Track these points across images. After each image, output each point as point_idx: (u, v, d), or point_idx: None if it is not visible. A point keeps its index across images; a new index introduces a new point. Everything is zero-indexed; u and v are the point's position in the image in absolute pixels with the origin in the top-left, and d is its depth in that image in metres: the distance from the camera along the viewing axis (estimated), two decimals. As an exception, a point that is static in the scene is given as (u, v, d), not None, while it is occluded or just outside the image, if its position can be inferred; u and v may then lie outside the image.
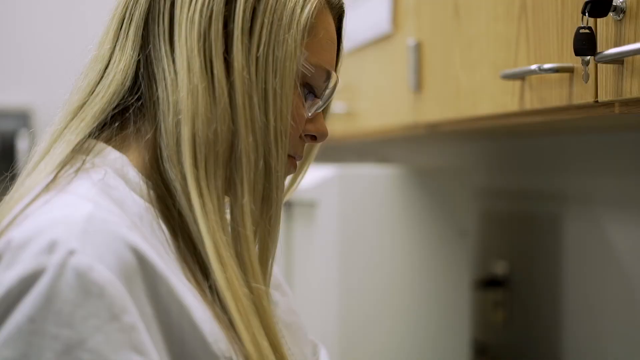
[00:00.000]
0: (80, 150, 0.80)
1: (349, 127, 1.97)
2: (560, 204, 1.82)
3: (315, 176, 1.68)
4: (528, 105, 1.16)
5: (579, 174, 1.75)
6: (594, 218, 1.70)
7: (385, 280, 1.66)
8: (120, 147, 0.82)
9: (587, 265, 1.74)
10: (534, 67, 1.07)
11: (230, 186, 0.81)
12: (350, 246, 1.64)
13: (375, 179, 1.67)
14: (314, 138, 0.91)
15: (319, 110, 0.90)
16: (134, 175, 0.81)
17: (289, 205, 1.85)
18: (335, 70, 0.91)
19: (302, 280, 1.80)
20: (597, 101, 1.00)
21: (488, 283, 2.08)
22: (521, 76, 1.15)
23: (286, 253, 1.85)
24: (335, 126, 2.00)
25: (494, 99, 1.26)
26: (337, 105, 1.93)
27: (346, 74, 1.96)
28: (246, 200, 0.80)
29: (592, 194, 1.71)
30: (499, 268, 2.08)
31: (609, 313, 1.66)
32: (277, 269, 0.99)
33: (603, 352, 1.65)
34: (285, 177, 0.89)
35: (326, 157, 2.01)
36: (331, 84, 0.89)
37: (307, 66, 0.85)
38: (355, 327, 1.64)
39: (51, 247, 0.69)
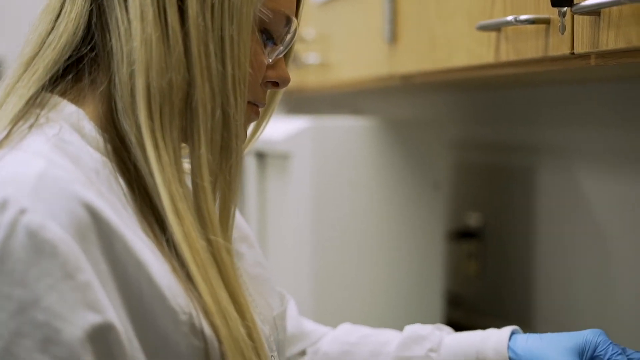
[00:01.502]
0: (34, 104, 0.78)
1: (323, 79, 1.95)
2: (534, 156, 1.83)
3: (288, 128, 1.67)
4: (504, 57, 1.15)
5: (553, 126, 1.75)
6: (568, 170, 1.70)
7: (358, 232, 1.66)
8: (75, 100, 0.81)
9: (560, 217, 1.75)
10: (510, 18, 1.06)
11: (187, 137, 0.79)
12: (323, 198, 1.63)
13: (349, 131, 1.66)
14: (275, 84, 0.89)
15: (280, 56, 0.88)
16: (90, 128, 0.79)
17: (262, 157, 1.84)
18: (297, 16, 0.89)
19: (276, 233, 1.80)
20: (573, 53, 1.00)
21: (461, 235, 2.09)
22: (497, 27, 1.14)
23: (259, 205, 1.84)
24: (308, 77, 1.99)
25: (470, 51, 1.25)
26: (311, 57, 1.91)
27: (320, 25, 1.94)
28: (203, 151, 0.78)
29: (566, 146, 1.72)
30: (473, 220, 2.09)
31: (582, 264, 1.67)
32: (244, 221, 0.98)
33: (575, 302, 1.66)
34: (246, 126, 0.87)
35: (300, 108, 2.00)
36: (292, 30, 0.87)
37: (264, 11, 0.83)
38: (328, 280, 1.64)
39: (2, 206, 0.68)
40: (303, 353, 1.13)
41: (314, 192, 1.63)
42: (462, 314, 1.99)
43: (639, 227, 1.45)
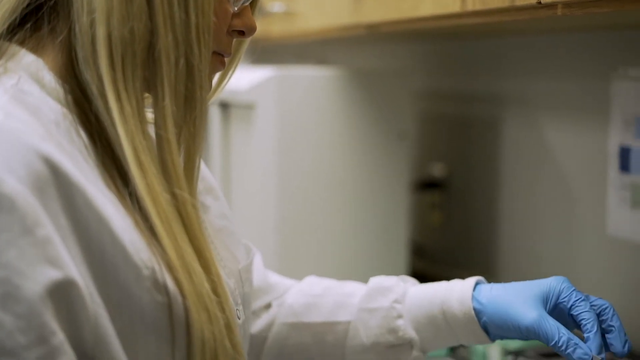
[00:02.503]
0: None
1: (288, 28, 1.93)
2: (499, 106, 1.83)
3: (253, 78, 1.65)
4: (470, 7, 1.14)
5: (518, 77, 1.75)
6: (532, 120, 1.71)
7: (323, 182, 1.65)
8: (35, 50, 0.78)
9: (524, 167, 1.75)
10: (476, -33, 1.05)
11: (150, 88, 0.77)
12: (288, 148, 1.62)
13: (314, 81, 1.65)
14: (241, 33, 0.87)
15: (246, 4, 0.86)
16: (50, 79, 0.77)
17: (226, 107, 1.82)
18: None
19: (240, 184, 1.79)
20: (539, 2, 0.99)
21: (426, 185, 2.09)
22: (464, -24, 1.13)
23: (223, 156, 1.82)
24: (274, 27, 1.96)
25: (436, 0, 1.24)
26: (276, 5, 1.89)
27: (285, -28, 1.91)
28: (167, 102, 0.76)
29: (531, 97, 1.72)
30: (437, 170, 2.09)
31: (545, 214, 1.69)
32: (209, 173, 0.96)
33: (538, 251, 1.68)
34: (211, 76, 0.85)
35: (264, 58, 1.98)
36: None
37: None
38: (293, 231, 1.64)
39: None
40: (268, 306, 1.12)
41: (279, 142, 1.62)
42: (426, 264, 2.00)
43: (601, 176, 1.46)
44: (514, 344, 1.51)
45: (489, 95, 1.87)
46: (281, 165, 1.62)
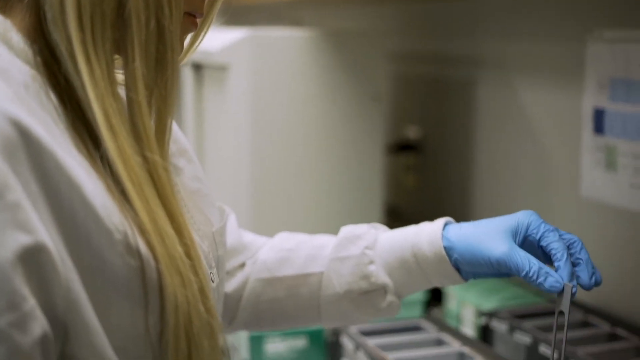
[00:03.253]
0: None
1: (262, -12, 1.91)
2: (474, 68, 1.82)
3: (226, 38, 1.64)
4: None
5: (493, 38, 1.75)
6: (507, 82, 1.70)
7: (297, 144, 1.64)
8: (2, 10, 0.77)
9: (498, 129, 1.75)
10: None
11: (120, 49, 0.76)
12: (262, 110, 1.61)
13: (289, 42, 1.63)
14: None
15: None
16: (19, 40, 0.75)
17: (199, 68, 1.80)
18: None
19: (214, 146, 1.78)
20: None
21: (401, 147, 2.09)
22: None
23: (197, 118, 1.81)
24: (247, -13, 1.94)
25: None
26: (249, -35, 1.87)
27: None
28: (138, 64, 0.75)
29: (506, 59, 1.71)
30: (412, 132, 2.09)
31: (519, 175, 1.69)
32: (182, 135, 0.95)
33: (513, 212, 1.68)
34: (183, 38, 0.84)
35: (238, 19, 1.96)
36: None
37: None
38: (267, 193, 1.63)
39: None
40: (243, 265, 1.13)
41: (252, 104, 1.61)
42: (400, 226, 2.00)
43: (576, 138, 1.47)
44: (488, 305, 1.52)
45: (464, 57, 1.87)
46: (255, 127, 1.61)
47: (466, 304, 1.58)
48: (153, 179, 0.74)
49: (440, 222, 1.04)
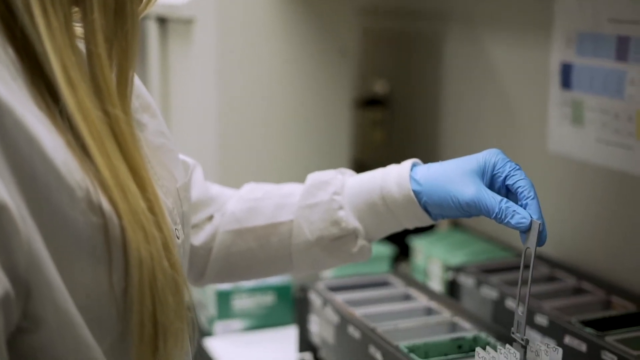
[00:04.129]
0: None
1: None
2: (442, 22, 1.81)
3: (191, -8, 1.61)
4: None
5: (461, -8, 1.73)
6: (475, 37, 1.69)
7: (265, 99, 1.63)
8: None
9: (466, 84, 1.75)
10: None
11: (78, 1, 0.74)
12: (228, 65, 1.59)
13: (255, -5, 1.61)
14: None
15: None
16: None
17: (163, 22, 1.77)
18: None
19: (179, 101, 1.76)
20: None
21: (368, 102, 2.08)
22: None
23: (161, 73, 1.79)
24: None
25: None
26: None
27: None
28: (96, 16, 0.73)
29: (474, 13, 1.70)
30: (379, 87, 2.08)
31: (487, 130, 1.69)
32: (145, 90, 0.94)
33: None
34: None
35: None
36: None
37: None
38: (233, 149, 1.62)
39: None
40: (211, 218, 1.12)
41: (219, 58, 1.58)
42: (368, 181, 2.00)
43: (543, 92, 1.46)
44: (455, 260, 1.52)
45: (432, 11, 1.85)
46: (221, 81, 1.59)
47: (433, 259, 1.59)
48: (114, 134, 0.73)
49: (407, 163, 1.04)
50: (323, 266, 1.11)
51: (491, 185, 0.99)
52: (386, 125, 2.07)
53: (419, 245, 1.64)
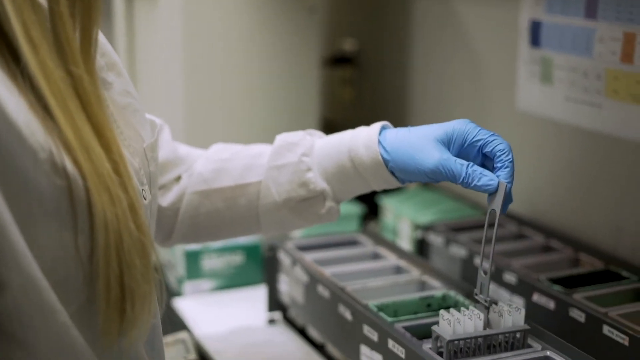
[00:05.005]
0: None
1: None
2: (411, -21, 1.79)
3: (156, -52, 1.58)
4: None
5: (430, -51, 1.72)
6: (444, -6, 1.68)
7: (232, 57, 1.61)
8: None
9: (435, 41, 1.74)
10: None
11: None
12: (195, 22, 1.57)
13: (221, -48, 1.58)
14: None
15: None
16: None
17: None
18: None
19: (145, 60, 1.73)
20: None
21: (337, 60, 2.07)
22: None
23: (127, 31, 1.76)
24: None
25: None
26: None
27: None
28: None
29: (443, -30, 1.69)
30: (348, 45, 2.06)
31: (456, 88, 1.68)
32: (111, 48, 0.92)
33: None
34: None
35: None
36: None
37: None
38: (201, 108, 1.60)
39: None
40: (179, 178, 1.11)
41: (185, 17, 1.56)
42: (337, 140, 1.99)
43: (512, 50, 1.46)
44: (424, 219, 1.53)
45: (401, -33, 1.84)
46: (187, 40, 1.57)
47: (402, 218, 1.59)
48: (78, 94, 0.71)
49: (376, 126, 1.04)
50: (291, 227, 1.11)
51: (466, 154, 0.99)
52: (355, 83, 2.06)
53: (388, 204, 1.64)
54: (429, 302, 1.14)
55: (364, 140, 1.03)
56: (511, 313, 0.99)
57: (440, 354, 0.97)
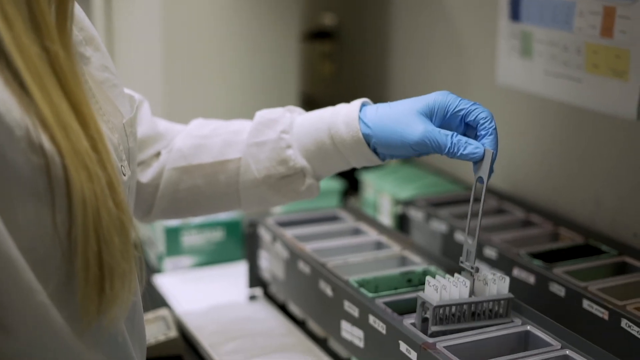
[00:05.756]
0: None
1: None
2: (391, -47, 1.78)
3: None
4: None
5: None
6: (424, -32, 1.68)
7: (211, 32, 1.59)
8: None
9: (415, 16, 1.73)
10: None
11: None
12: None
13: None
14: None
15: None
16: None
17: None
18: None
19: (124, 35, 1.72)
20: None
21: (316, 35, 2.06)
22: None
23: (105, 5, 1.74)
24: None
25: None
26: None
27: None
28: None
29: (423, -57, 1.68)
30: (328, 19, 2.05)
31: (436, 63, 1.68)
32: (89, 22, 0.91)
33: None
34: None
35: None
36: None
37: None
38: (180, 83, 1.59)
39: None
40: (158, 154, 1.11)
41: (163, -9, 1.54)
42: (317, 115, 1.99)
43: (492, 24, 1.45)
44: (404, 194, 1.52)
45: (380, -59, 1.82)
46: (166, 15, 1.55)
47: (383, 193, 1.59)
48: (54, 71, 0.70)
49: (356, 104, 1.04)
50: (271, 204, 1.11)
51: (448, 125, 0.99)
52: (335, 58, 2.05)
53: (369, 180, 1.64)
54: (410, 278, 1.14)
55: (343, 117, 1.03)
56: (496, 281, 1.00)
57: (425, 320, 0.97)
